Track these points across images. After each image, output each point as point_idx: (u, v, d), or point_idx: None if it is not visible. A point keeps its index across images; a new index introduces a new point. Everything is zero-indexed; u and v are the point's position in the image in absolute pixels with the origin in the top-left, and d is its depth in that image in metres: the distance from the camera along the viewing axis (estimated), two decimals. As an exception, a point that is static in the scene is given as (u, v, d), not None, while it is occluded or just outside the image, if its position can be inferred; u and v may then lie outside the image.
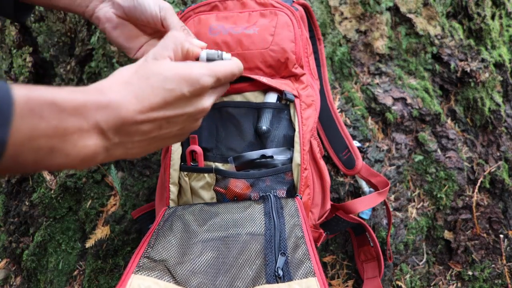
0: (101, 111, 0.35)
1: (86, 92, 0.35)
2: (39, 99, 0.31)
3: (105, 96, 0.36)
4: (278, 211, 0.55)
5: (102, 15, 0.57)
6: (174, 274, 0.45)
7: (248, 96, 0.68)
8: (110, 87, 0.37)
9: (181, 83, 0.40)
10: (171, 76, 0.40)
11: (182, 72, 0.40)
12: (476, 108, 1.01)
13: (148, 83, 0.38)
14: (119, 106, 0.36)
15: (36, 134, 0.31)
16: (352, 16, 1.02)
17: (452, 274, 0.90)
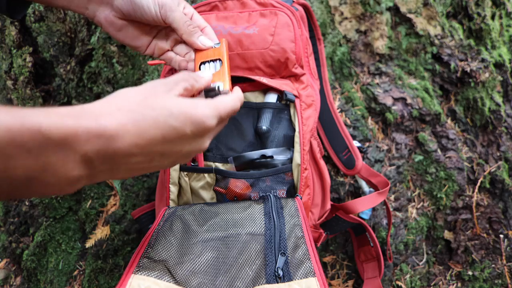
0: (93, 141, 0.32)
1: (79, 117, 0.32)
2: (22, 129, 0.28)
3: (100, 123, 0.32)
4: (278, 211, 0.55)
5: (103, 19, 0.56)
6: (174, 274, 0.45)
7: (248, 96, 0.68)
8: (109, 113, 0.34)
9: (185, 123, 0.38)
10: (177, 114, 0.37)
11: (188, 111, 0.38)
12: (476, 108, 1.01)
13: (152, 116, 0.36)
14: (115, 136, 0.33)
15: (14, 165, 0.28)
16: (352, 16, 1.02)
17: (452, 274, 0.90)
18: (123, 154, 0.34)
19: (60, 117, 0.31)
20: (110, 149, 0.33)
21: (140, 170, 0.38)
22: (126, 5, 0.53)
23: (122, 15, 0.55)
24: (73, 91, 0.99)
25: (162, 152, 0.38)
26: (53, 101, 1.04)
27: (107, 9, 0.55)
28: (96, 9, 0.55)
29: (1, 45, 1.06)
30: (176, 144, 0.38)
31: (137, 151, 0.35)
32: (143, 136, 0.35)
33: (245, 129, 0.66)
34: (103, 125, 0.32)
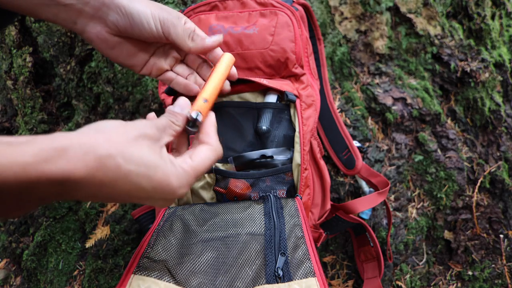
0: (51, 189, 0.30)
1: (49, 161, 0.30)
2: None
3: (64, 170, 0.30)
4: (278, 211, 0.55)
5: (94, 36, 0.50)
6: (174, 274, 0.45)
7: (248, 97, 0.67)
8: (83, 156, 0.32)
9: (157, 190, 0.37)
10: (152, 177, 0.36)
11: (164, 180, 0.37)
12: (476, 108, 1.01)
13: (126, 170, 0.34)
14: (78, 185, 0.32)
15: None
16: (352, 16, 1.02)
17: (452, 274, 0.90)
18: (79, 198, 0.33)
19: (25, 164, 0.28)
20: (67, 194, 0.31)
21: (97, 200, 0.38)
22: (123, 21, 0.48)
23: (117, 31, 0.50)
24: (73, 91, 0.99)
25: (122, 199, 0.37)
26: (53, 101, 1.04)
27: (99, 25, 0.49)
28: (86, 24, 0.49)
29: (1, 45, 1.06)
30: (140, 199, 0.38)
31: (95, 198, 0.34)
32: (108, 188, 0.33)
33: (245, 129, 0.66)
34: (68, 172, 0.30)
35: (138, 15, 0.48)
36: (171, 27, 0.50)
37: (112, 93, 0.95)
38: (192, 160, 0.42)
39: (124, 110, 0.95)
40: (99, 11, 0.48)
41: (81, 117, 0.99)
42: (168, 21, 0.50)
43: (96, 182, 0.32)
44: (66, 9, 0.48)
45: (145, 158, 0.35)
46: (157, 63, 0.56)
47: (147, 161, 0.35)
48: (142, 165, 0.35)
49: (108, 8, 0.48)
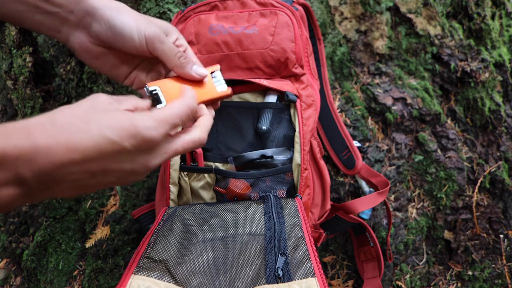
0: (23, 159, 0.30)
1: (9, 135, 0.30)
2: None
3: (31, 140, 0.30)
4: (278, 211, 0.55)
5: (77, 45, 0.49)
6: (174, 274, 0.45)
7: (247, 97, 0.68)
8: (41, 127, 0.32)
9: (123, 136, 0.34)
10: (114, 126, 0.34)
11: (126, 123, 0.35)
12: (476, 108, 1.01)
13: (87, 128, 0.33)
14: (47, 152, 0.31)
15: None
16: (352, 16, 1.02)
17: (452, 274, 0.90)
18: (59, 171, 0.32)
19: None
20: (42, 166, 0.31)
21: (85, 187, 0.36)
22: (105, 32, 0.47)
23: (100, 42, 0.49)
24: (73, 91, 0.99)
25: (102, 168, 0.35)
26: (53, 101, 1.04)
27: (83, 34, 0.48)
28: (70, 33, 0.48)
29: (1, 45, 1.06)
30: (116, 159, 0.35)
31: (74, 168, 0.33)
32: (77, 150, 0.32)
33: (245, 129, 0.66)
34: (34, 141, 0.30)
35: (121, 28, 0.47)
36: (157, 42, 0.48)
37: (112, 93, 0.95)
38: (160, 110, 0.39)
39: (124, 110, 0.95)
40: (83, 20, 0.47)
41: (81, 117, 0.98)
42: (154, 37, 0.48)
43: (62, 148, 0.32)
44: (51, 18, 0.47)
45: (104, 115, 0.35)
46: (139, 76, 0.54)
47: (105, 116, 0.35)
48: (100, 120, 0.34)
49: (92, 18, 0.47)
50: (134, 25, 0.47)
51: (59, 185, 0.33)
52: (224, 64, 0.66)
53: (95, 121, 0.34)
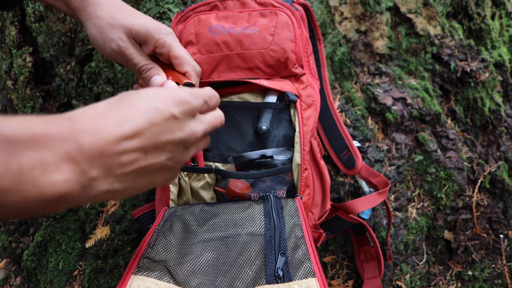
0: (70, 140, 0.28)
1: (49, 121, 0.28)
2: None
3: (75, 123, 0.29)
4: (278, 211, 0.55)
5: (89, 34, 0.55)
6: (174, 275, 0.45)
7: (248, 97, 0.68)
8: (83, 113, 0.31)
9: (168, 103, 0.35)
10: (158, 97, 0.35)
11: (168, 93, 0.37)
12: (476, 108, 1.01)
13: (131, 104, 0.33)
14: (95, 131, 0.30)
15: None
16: (352, 16, 1.02)
17: (452, 274, 0.90)
18: (110, 151, 0.30)
19: (24, 121, 0.27)
20: (93, 146, 0.29)
21: (138, 174, 0.34)
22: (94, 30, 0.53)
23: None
24: (73, 91, 0.99)
25: (153, 143, 0.34)
26: (53, 101, 1.04)
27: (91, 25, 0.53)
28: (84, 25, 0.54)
29: (1, 45, 1.06)
30: (166, 129, 0.35)
31: (126, 144, 0.31)
32: (127, 127, 0.31)
33: (245, 129, 0.66)
34: (79, 123, 0.30)
35: (92, 39, 0.52)
36: (123, 61, 0.53)
37: (112, 93, 0.95)
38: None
39: (124, 110, 0.95)
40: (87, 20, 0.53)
41: (81, 117, 0.98)
42: (118, 54, 0.53)
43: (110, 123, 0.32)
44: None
45: (144, 92, 0.36)
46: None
47: (146, 92, 0.36)
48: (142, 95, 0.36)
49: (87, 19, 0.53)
50: (101, 41, 0.52)
51: (113, 170, 0.31)
52: (224, 64, 0.66)
53: (138, 98, 0.35)
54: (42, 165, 0.27)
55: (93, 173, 0.30)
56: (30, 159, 0.26)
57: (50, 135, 0.27)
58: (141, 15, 0.55)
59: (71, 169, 0.28)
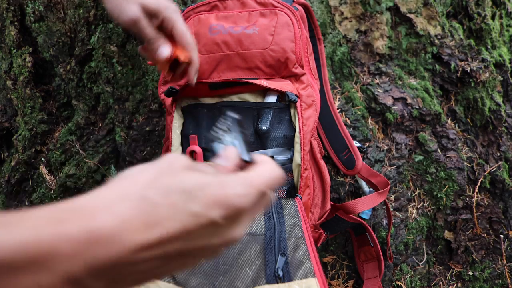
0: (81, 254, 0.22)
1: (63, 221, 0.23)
2: None
3: (92, 225, 0.23)
4: (278, 211, 0.55)
5: None
6: (174, 275, 0.45)
7: (248, 97, 0.67)
8: (108, 206, 0.25)
9: (211, 206, 0.27)
10: (200, 195, 0.27)
11: (214, 190, 0.27)
12: (476, 108, 1.01)
13: (167, 202, 0.26)
14: (115, 241, 0.23)
15: None
16: (352, 16, 1.02)
17: (453, 274, 0.90)
18: (128, 261, 0.24)
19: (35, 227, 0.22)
20: (107, 257, 0.23)
21: (152, 277, 0.27)
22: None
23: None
24: (73, 91, 0.99)
25: (182, 250, 0.27)
26: (53, 101, 1.04)
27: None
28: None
29: (1, 45, 1.06)
30: (201, 236, 0.27)
31: (147, 254, 0.25)
32: (156, 233, 0.25)
33: (245, 129, 0.66)
34: (97, 227, 0.23)
35: (110, 10, 0.58)
36: (135, 32, 0.58)
37: (112, 93, 0.95)
38: (251, 172, 0.32)
39: (124, 110, 0.95)
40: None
41: (81, 117, 0.98)
42: (131, 23, 0.58)
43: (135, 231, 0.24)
44: None
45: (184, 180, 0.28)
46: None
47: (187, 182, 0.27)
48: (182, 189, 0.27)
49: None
50: (118, 13, 0.57)
51: (123, 279, 0.25)
52: (224, 64, 0.66)
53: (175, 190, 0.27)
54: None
55: (97, 285, 0.24)
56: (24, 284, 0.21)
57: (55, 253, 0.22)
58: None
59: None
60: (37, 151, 1.02)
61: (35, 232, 0.21)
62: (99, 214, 0.24)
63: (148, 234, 0.24)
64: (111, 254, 0.23)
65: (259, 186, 0.30)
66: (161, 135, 0.92)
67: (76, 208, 0.24)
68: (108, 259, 0.23)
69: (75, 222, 0.23)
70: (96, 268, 0.23)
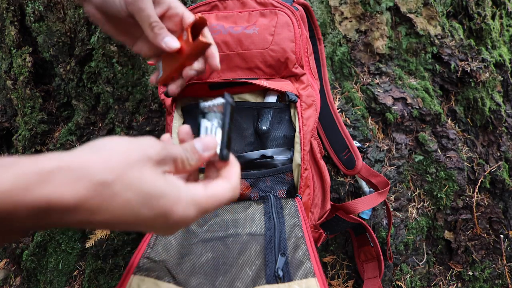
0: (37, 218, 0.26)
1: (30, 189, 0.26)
2: None
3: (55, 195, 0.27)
4: (278, 211, 0.55)
5: (88, 12, 0.52)
6: (174, 275, 0.45)
7: (248, 97, 0.67)
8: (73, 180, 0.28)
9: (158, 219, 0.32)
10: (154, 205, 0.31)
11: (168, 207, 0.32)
12: (477, 108, 1.01)
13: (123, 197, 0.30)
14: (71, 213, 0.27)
15: None
16: (352, 16, 1.02)
17: (453, 274, 0.90)
18: (71, 225, 0.28)
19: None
20: (56, 222, 0.27)
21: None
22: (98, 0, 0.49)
23: (98, 8, 0.50)
24: (73, 91, 0.99)
25: (119, 227, 0.32)
26: (53, 101, 1.04)
27: (89, 3, 0.51)
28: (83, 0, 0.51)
29: (1, 45, 1.06)
30: (139, 227, 0.32)
31: (89, 225, 0.29)
32: (102, 216, 0.28)
33: (245, 129, 0.66)
34: (54, 200, 0.26)
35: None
36: (135, 10, 0.48)
37: (112, 93, 0.95)
38: (206, 190, 0.35)
39: (124, 110, 0.95)
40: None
41: (81, 117, 0.98)
42: (134, 3, 0.48)
43: (88, 210, 0.28)
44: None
45: (147, 185, 0.30)
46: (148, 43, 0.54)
47: (149, 188, 0.30)
48: (142, 193, 0.30)
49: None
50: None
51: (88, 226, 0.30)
52: (224, 64, 0.66)
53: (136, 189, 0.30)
54: None
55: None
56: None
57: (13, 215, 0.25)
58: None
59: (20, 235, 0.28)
60: (37, 151, 1.02)
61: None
62: (60, 188, 0.26)
63: (95, 216, 0.28)
64: (65, 221, 0.27)
65: (206, 209, 0.34)
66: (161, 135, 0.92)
67: (42, 172, 0.26)
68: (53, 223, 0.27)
69: (38, 190, 0.25)
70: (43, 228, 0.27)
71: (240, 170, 0.39)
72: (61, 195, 0.26)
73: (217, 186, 0.36)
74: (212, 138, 0.38)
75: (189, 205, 0.33)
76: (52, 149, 0.99)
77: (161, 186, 0.31)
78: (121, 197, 0.29)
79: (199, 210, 0.34)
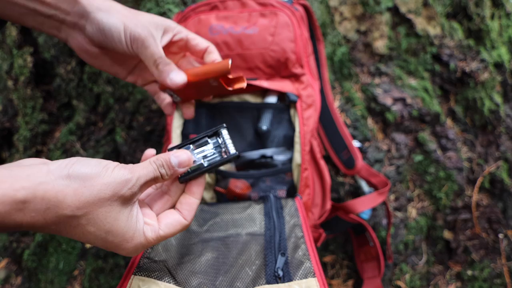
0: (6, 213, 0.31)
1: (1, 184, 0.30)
2: None
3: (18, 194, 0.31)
4: (278, 211, 0.55)
5: (76, 45, 0.50)
6: (174, 275, 0.45)
7: (248, 97, 0.68)
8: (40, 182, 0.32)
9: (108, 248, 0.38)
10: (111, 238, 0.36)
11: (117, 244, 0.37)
12: (476, 108, 1.01)
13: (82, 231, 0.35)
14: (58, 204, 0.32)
15: None
16: (352, 16, 1.02)
17: (452, 273, 0.90)
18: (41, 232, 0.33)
19: None
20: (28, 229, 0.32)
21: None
22: (97, 34, 0.48)
23: (95, 43, 0.50)
24: (74, 91, 0.99)
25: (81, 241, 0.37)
26: (54, 101, 1.05)
27: (80, 35, 0.49)
28: (68, 34, 0.50)
29: (2, 45, 1.06)
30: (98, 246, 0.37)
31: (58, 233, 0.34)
32: (66, 235, 0.34)
33: (245, 129, 0.66)
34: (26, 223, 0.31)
35: (110, 31, 0.47)
36: (140, 47, 0.48)
37: (112, 93, 0.95)
38: (160, 226, 0.40)
39: (124, 110, 0.95)
40: (78, 22, 0.48)
41: (82, 117, 0.99)
42: (138, 41, 0.48)
43: (56, 231, 0.33)
44: (50, 19, 0.48)
45: (109, 224, 0.35)
46: (143, 74, 0.55)
47: (110, 227, 0.35)
48: (102, 230, 0.35)
49: (86, 20, 0.48)
50: (122, 27, 0.47)
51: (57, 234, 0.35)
52: (224, 64, 0.66)
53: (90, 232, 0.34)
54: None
55: None
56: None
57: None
58: None
59: None
60: (38, 151, 1.02)
61: None
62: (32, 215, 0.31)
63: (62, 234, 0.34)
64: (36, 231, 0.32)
65: (159, 240, 0.40)
66: (161, 135, 0.92)
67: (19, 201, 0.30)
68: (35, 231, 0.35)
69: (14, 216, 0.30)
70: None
71: (199, 203, 0.43)
72: (32, 221, 0.31)
73: (172, 222, 0.41)
74: (188, 156, 0.41)
75: (138, 245, 0.38)
76: (53, 149, 1.00)
77: (119, 226, 0.36)
78: (83, 228, 0.34)
79: (149, 245, 0.39)
